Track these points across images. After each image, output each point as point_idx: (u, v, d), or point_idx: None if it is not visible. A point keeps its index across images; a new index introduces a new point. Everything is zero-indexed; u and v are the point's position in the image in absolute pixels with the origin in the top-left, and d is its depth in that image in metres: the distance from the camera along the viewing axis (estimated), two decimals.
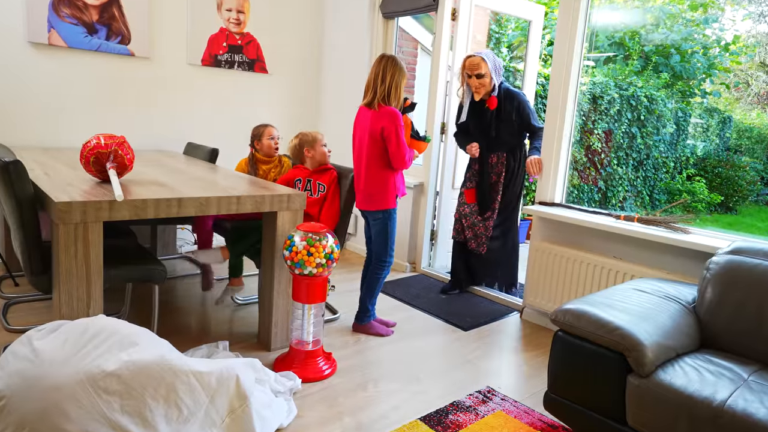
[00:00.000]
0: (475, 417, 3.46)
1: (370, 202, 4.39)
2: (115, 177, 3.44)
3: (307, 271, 3.68)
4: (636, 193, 10.64)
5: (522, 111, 5.23)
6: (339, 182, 4.74)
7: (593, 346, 2.97)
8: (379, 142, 4.27)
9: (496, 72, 5.19)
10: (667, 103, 10.85)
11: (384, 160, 4.31)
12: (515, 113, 5.23)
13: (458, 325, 4.89)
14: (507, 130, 5.30)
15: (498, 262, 5.66)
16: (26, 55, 5.30)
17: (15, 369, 2.63)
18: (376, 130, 4.25)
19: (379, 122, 4.24)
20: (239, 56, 6.52)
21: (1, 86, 5.21)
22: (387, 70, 4.26)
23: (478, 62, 5.14)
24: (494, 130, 5.30)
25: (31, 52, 5.31)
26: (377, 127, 4.24)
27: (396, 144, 4.22)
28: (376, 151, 4.30)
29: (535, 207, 4.89)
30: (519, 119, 5.25)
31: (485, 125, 5.34)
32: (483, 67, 5.13)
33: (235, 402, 2.96)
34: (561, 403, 3.13)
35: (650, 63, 11.32)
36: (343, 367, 4.03)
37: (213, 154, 5.55)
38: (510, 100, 5.25)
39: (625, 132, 10.08)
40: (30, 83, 5.36)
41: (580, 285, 4.62)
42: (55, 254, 3.22)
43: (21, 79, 5.30)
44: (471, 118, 5.42)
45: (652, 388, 2.75)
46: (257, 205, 3.81)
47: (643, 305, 3.15)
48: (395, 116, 4.21)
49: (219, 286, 5.37)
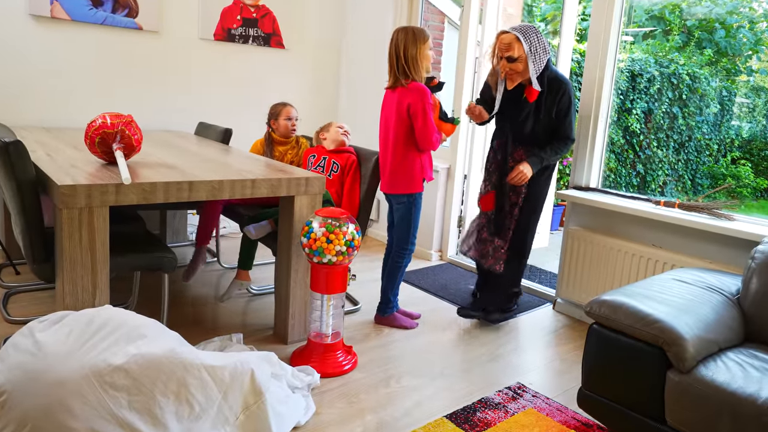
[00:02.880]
0: (505, 415, 3.45)
1: (395, 185, 4.36)
2: (122, 159, 3.43)
3: (326, 260, 3.66)
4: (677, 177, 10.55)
5: (561, 102, 4.39)
6: (359, 167, 4.72)
7: (631, 340, 2.94)
8: (406, 120, 4.23)
9: (535, 56, 4.31)
10: (710, 81, 10.73)
11: (410, 140, 4.28)
12: (555, 103, 4.40)
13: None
14: (547, 127, 4.50)
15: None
16: (27, 29, 5.29)
17: (16, 362, 2.63)
18: (403, 107, 4.21)
19: (405, 99, 4.20)
20: (254, 30, 6.50)
21: (0, 62, 5.22)
22: (399, 44, 4.21)
23: (510, 41, 4.31)
24: (530, 124, 4.48)
25: (33, 26, 5.31)
26: (404, 104, 4.21)
27: (423, 122, 4.17)
28: (402, 129, 4.26)
29: (569, 191, 4.85)
30: (556, 109, 4.40)
31: (519, 116, 4.51)
32: (516, 48, 4.29)
33: (249, 398, 2.95)
34: (596, 401, 3.12)
35: (692, 38, 11.20)
36: (364, 361, 4.02)
37: (226, 134, 5.54)
38: (554, 89, 4.39)
39: (666, 112, 9.99)
40: (31, 59, 5.36)
41: (616, 275, 4.59)
42: (58, 241, 3.22)
43: (22, 54, 5.30)
44: (503, 102, 4.61)
45: (692, 384, 2.73)
46: (273, 188, 3.79)
47: (683, 297, 3.12)
48: (423, 93, 4.16)
49: (225, 279, 5.37)
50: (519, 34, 4.30)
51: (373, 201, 4.72)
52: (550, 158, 4.45)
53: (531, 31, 4.34)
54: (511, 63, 4.34)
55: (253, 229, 4.45)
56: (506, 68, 4.39)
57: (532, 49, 4.30)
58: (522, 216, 4.60)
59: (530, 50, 4.30)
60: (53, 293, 4.67)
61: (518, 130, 4.55)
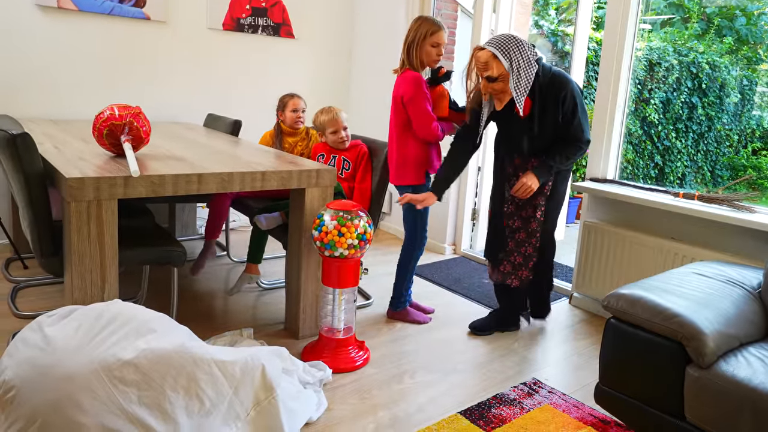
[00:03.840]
0: (520, 411, 3.45)
1: (398, 176, 4.36)
2: (131, 151, 3.44)
3: (338, 253, 3.66)
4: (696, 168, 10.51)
5: (564, 105, 3.94)
6: (371, 158, 4.72)
7: (649, 335, 2.93)
8: (401, 109, 4.23)
9: (519, 72, 3.80)
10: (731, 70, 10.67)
11: (408, 130, 4.26)
12: (558, 108, 3.96)
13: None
14: (545, 140, 4.08)
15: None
16: (34, 19, 5.31)
17: (25, 357, 2.64)
18: (397, 97, 4.22)
19: (400, 87, 4.20)
20: (263, 20, 6.50)
21: (7, 53, 5.24)
22: (410, 31, 4.22)
23: (487, 60, 3.83)
24: (527, 142, 4.09)
25: (39, 16, 5.32)
26: (398, 94, 4.21)
27: (414, 110, 4.14)
28: (400, 119, 4.26)
29: (585, 183, 4.84)
30: (561, 114, 3.97)
31: (514, 134, 4.15)
32: (495, 66, 3.82)
33: (260, 394, 2.96)
34: (613, 397, 3.11)
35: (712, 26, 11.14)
36: (376, 356, 4.02)
37: (235, 126, 5.56)
38: (552, 95, 3.94)
39: (685, 102, 9.95)
40: (38, 50, 5.37)
41: (634, 268, 4.58)
42: (66, 234, 3.24)
43: (28, 45, 5.32)
44: (495, 119, 4.24)
45: (712, 380, 2.72)
46: (284, 181, 3.79)
47: (703, 290, 3.10)
48: (415, 81, 4.14)
49: (234, 273, 5.38)
50: (495, 50, 3.80)
51: (384, 193, 4.73)
52: (561, 165, 4.06)
53: (510, 43, 3.82)
54: (492, 83, 3.90)
55: (264, 220, 4.45)
56: (488, 89, 3.95)
57: (514, 65, 3.79)
58: (547, 216, 4.24)
59: (511, 66, 3.80)
60: (62, 287, 4.70)
61: (515, 148, 4.18)
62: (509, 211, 4.28)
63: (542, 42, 9.50)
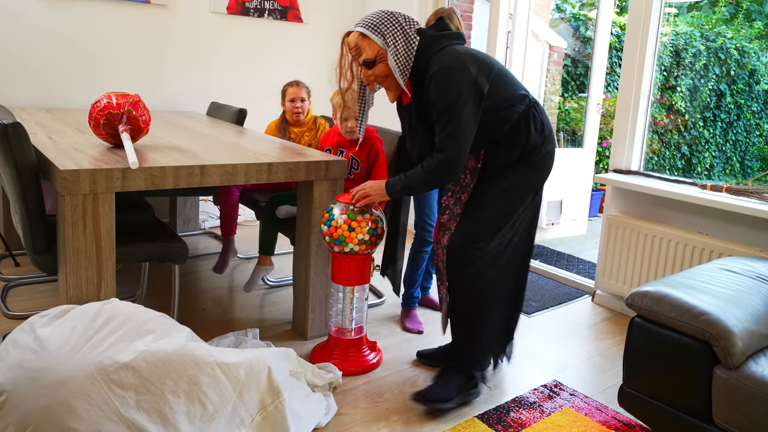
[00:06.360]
0: (541, 414, 3.43)
1: None
2: (129, 141, 3.43)
3: (348, 249, 3.63)
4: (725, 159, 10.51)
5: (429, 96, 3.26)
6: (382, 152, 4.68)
7: (675, 335, 2.92)
8: None
9: (397, 46, 3.26)
10: (761, 56, 10.67)
11: None
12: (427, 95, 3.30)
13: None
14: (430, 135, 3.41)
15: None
16: (27, 3, 5.30)
17: (16, 360, 2.63)
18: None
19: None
20: (270, 3, 6.48)
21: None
22: None
23: (356, 42, 3.34)
24: (410, 137, 3.54)
25: (33, 0, 5.31)
26: None
27: None
28: None
29: (609, 175, 4.81)
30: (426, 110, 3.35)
31: (404, 129, 3.65)
32: (365, 46, 3.32)
33: (266, 398, 2.94)
34: (638, 399, 3.10)
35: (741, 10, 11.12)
36: (389, 358, 4.00)
37: (240, 115, 5.54)
38: (424, 75, 3.29)
39: (713, 89, 9.95)
40: (30, 34, 5.36)
41: (660, 264, 4.57)
42: (60, 230, 3.22)
43: (21, 30, 5.31)
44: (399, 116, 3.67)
45: (742, 381, 2.70)
46: (291, 173, 3.77)
47: (732, 287, 3.09)
48: None
49: (246, 269, 5.36)
50: (363, 28, 3.31)
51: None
52: (412, 182, 3.35)
53: (380, 18, 3.32)
54: (373, 69, 3.36)
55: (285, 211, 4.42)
56: (370, 78, 3.41)
57: (389, 39, 3.27)
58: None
59: (386, 42, 3.28)
60: (55, 286, 4.69)
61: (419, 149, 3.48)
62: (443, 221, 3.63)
63: (564, 27, 9.48)
